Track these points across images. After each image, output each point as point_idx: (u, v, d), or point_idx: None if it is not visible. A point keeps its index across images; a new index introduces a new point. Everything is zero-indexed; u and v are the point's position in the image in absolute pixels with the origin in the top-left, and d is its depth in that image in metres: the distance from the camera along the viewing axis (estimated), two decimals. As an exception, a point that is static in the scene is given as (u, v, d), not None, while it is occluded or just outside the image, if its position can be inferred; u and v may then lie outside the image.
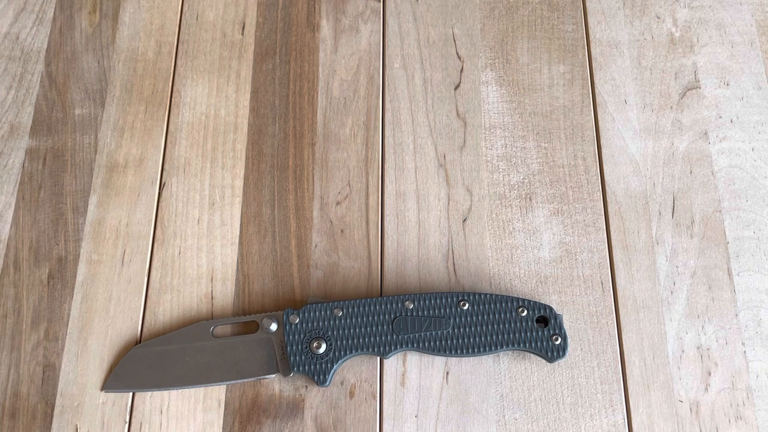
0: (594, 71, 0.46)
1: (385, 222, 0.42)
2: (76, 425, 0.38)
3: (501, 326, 0.38)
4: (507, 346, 0.37)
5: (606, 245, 0.41)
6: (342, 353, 0.37)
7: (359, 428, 0.38)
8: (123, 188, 0.43)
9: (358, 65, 0.46)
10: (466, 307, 0.38)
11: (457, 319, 0.38)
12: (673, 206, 0.42)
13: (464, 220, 0.42)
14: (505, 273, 0.41)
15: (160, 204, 0.43)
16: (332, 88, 0.46)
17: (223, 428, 0.38)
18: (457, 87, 0.46)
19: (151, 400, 0.38)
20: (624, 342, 0.39)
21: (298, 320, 0.38)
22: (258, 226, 0.42)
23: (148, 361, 0.38)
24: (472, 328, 0.38)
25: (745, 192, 0.43)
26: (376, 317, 0.38)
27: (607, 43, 0.47)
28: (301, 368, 0.37)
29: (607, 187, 0.43)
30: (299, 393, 0.38)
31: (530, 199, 0.43)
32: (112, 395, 0.38)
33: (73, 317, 0.40)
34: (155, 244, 0.42)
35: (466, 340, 0.37)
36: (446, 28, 0.47)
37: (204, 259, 0.41)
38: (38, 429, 0.38)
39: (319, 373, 0.37)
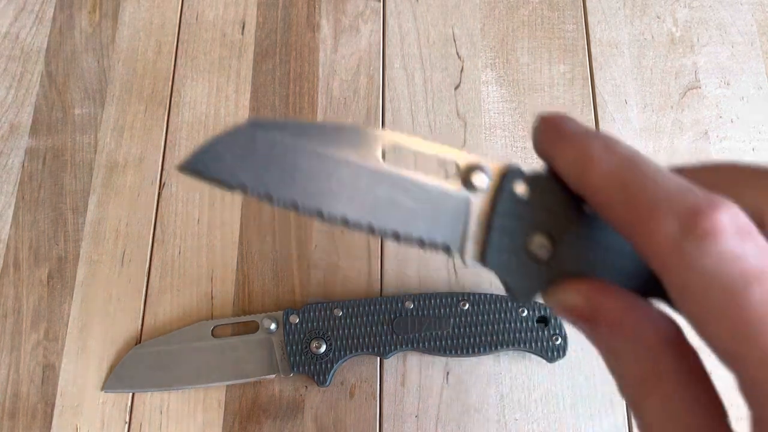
0: (594, 71, 0.46)
1: (385, 222, 0.42)
2: (76, 425, 0.38)
3: (501, 326, 0.37)
4: (507, 346, 0.37)
5: (606, 245, 0.41)
6: (342, 353, 0.37)
7: (359, 428, 0.38)
8: (123, 188, 0.43)
9: (358, 65, 0.46)
10: (466, 307, 0.38)
11: (457, 319, 0.38)
12: (674, 206, 0.42)
13: (464, 220, 0.42)
14: (506, 273, 0.41)
15: (160, 204, 0.43)
16: (332, 88, 0.46)
17: (223, 428, 0.38)
18: (457, 87, 0.46)
19: (151, 401, 0.38)
20: (624, 342, 0.39)
21: (298, 320, 0.38)
22: (258, 226, 0.42)
23: (148, 361, 0.38)
24: (473, 328, 0.37)
25: (745, 192, 0.43)
26: (376, 317, 0.38)
27: (608, 42, 0.47)
28: (301, 368, 0.37)
29: (607, 187, 0.43)
30: (299, 393, 0.38)
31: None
32: (112, 395, 0.38)
33: (72, 317, 0.40)
34: (155, 244, 0.42)
35: (466, 340, 0.37)
36: (446, 28, 0.47)
37: (204, 259, 0.41)
38: (38, 429, 0.38)
39: (319, 373, 0.37)
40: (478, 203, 0.22)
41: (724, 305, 0.16)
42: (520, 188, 0.21)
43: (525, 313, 0.37)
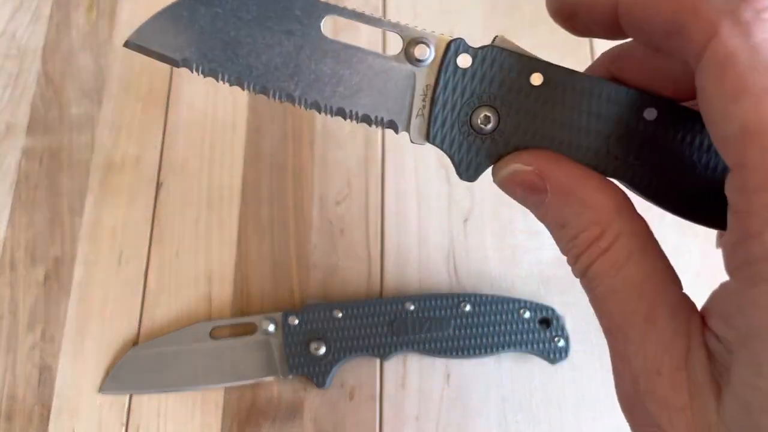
0: (596, 69, 0.46)
1: (385, 222, 0.42)
2: (73, 428, 0.38)
3: (502, 328, 0.37)
4: (509, 347, 0.37)
5: (608, 245, 0.41)
6: (341, 355, 0.37)
7: (359, 431, 0.37)
8: (120, 188, 0.43)
9: (358, 63, 0.46)
10: (467, 309, 0.37)
11: (458, 321, 0.37)
12: (677, 206, 0.42)
13: (465, 221, 0.42)
14: (507, 274, 0.40)
15: (157, 204, 0.42)
16: (332, 86, 0.45)
17: (221, 430, 0.37)
18: (457, 85, 0.45)
19: (148, 403, 0.38)
20: (627, 343, 0.39)
21: (297, 321, 0.37)
22: (256, 226, 0.42)
23: (145, 363, 0.38)
24: (473, 330, 0.37)
25: (749, 192, 0.42)
26: (375, 318, 0.37)
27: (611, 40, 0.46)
28: (300, 370, 0.37)
29: (609, 187, 0.42)
30: (298, 395, 0.38)
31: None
32: (109, 397, 0.38)
33: (69, 318, 0.40)
34: (152, 245, 0.41)
35: (467, 341, 0.37)
36: (447, 27, 0.47)
37: (202, 260, 0.41)
38: (35, 431, 0.38)
39: (318, 375, 0.37)
40: (422, 77, 0.21)
41: (766, 79, 0.15)
42: (465, 61, 0.21)
43: (527, 315, 0.37)
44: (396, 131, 0.22)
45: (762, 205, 0.15)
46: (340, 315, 0.37)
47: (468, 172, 0.22)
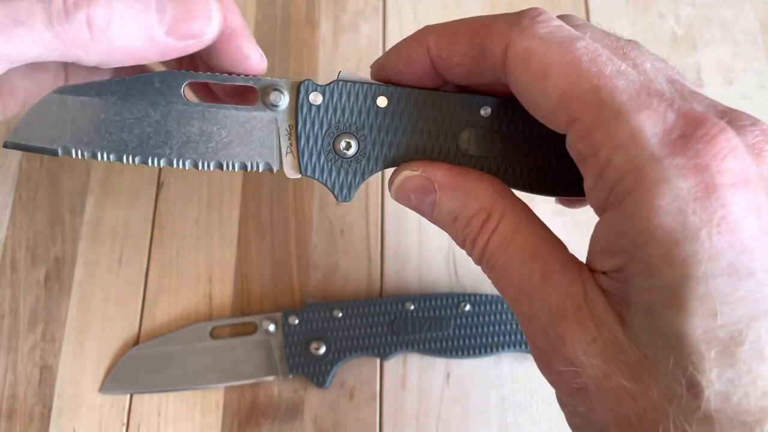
0: (596, 70, 0.46)
1: (386, 222, 0.42)
2: (74, 427, 0.38)
3: (502, 327, 0.37)
4: (508, 347, 0.37)
5: (608, 245, 0.41)
6: (341, 354, 0.37)
7: (359, 430, 0.37)
8: (121, 188, 0.43)
9: (358, 64, 0.46)
10: (467, 308, 0.37)
11: (458, 320, 0.37)
12: (676, 206, 0.42)
13: (465, 220, 0.42)
14: (507, 274, 0.40)
15: (158, 204, 0.42)
16: (332, 86, 0.45)
17: (221, 430, 0.37)
18: (457, 86, 0.45)
19: (149, 402, 0.38)
20: (626, 343, 0.39)
21: (297, 321, 0.38)
22: (257, 226, 0.42)
23: (146, 363, 0.38)
24: (473, 329, 0.37)
25: (748, 192, 0.42)
26: (375, 318, 0.37)
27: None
28: (300, 370, 0.37)
29: (609, 187, 0.42)
30: (298, 395, 0.38)
31: (531, 198, 0.42)
32: (109, 397, 0.38)
33: (70, 318, 0.40)
34: (153, 245, 0.41)
35: (466, 341, 0.37)
36: (447, 27, 0.47)
37: (202, 260, 0.41)
38: (35, 431, 0.38)
39: (318, 374, 0.37)
40: (283, 119, 0.24)
41: (560, 56, 0.19)
42: (316, 98, 0.24)
43: (526, 314, 0.37)
44: (272, 171, 0.25)
45: (601, 140, 0.18)
46: (340, 315, 0.38)
47: (343, 193, 0.25)
